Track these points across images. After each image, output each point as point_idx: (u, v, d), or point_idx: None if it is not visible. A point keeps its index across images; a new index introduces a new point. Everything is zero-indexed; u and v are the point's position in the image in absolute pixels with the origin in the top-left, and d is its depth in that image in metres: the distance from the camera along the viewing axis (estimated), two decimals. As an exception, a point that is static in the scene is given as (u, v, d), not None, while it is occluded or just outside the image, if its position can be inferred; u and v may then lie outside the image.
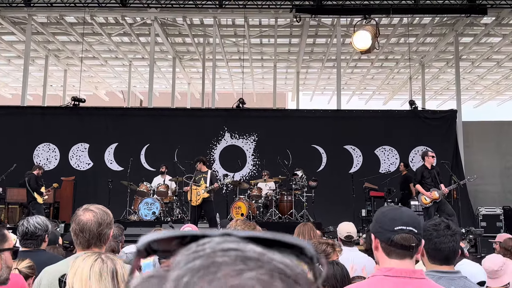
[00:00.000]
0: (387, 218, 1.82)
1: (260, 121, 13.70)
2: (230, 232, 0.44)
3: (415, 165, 12.40)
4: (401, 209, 1.86)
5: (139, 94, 23.37)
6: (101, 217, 2.44)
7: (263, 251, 0.42)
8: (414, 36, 15.53)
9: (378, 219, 1.85)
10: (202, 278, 0.39)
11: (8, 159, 12.28)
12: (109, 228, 2.48)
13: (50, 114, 13.98)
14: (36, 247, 3.35)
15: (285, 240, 0.44)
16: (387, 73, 19.63)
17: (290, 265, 0.41)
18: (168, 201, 11.12)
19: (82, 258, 1.98)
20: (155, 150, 13.31)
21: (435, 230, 2.27)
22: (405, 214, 1.82)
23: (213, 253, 0.41)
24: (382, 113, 14.17)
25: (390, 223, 1.79)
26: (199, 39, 16.68)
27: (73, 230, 2.44)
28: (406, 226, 1.78)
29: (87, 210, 2.46)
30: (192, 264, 0.40)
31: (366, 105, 23.33)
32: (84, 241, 2.42)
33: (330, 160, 13.26)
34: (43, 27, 15.24)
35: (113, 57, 18.44)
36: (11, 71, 19.72)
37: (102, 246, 2.45)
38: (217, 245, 0.42)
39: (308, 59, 18.14)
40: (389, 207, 1.89)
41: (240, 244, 0.42)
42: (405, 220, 1.79)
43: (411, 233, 1.78)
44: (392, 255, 1.79)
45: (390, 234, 1.78)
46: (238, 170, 12.88)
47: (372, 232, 1.87)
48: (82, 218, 2.43)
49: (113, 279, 1.94)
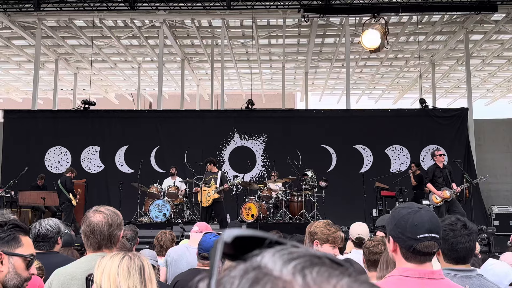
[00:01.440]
0: (409, 224, 1.76)
1: (269, 122, 13.70)
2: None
3: (426, 164, 12.32)
4: (421, 213, 1.79)
5: (149, 97, 23.49)
6: (111, 219, 2.44)
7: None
8: (423, 34, 15.44)
9: (398, 224, 1.79)
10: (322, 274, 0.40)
11: (20, 162, 12.41)
12: (119, 229, 2.48)
13: (61, 117, 14.10)
14: (49, 249, 3.38)
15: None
16: (396, 72, 19.53)
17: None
18: (178, 203, 11.15)
19: (109, 256, 2.00)
20: (165, 152, 13.36)
21: (451, 230, 2.22)
22: (427, 220, 1.76)
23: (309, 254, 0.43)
24: (392, 112, 14.11)
25: (412, 230, 1.75)
26: (207, 40, 16.73)
27: (83, 232, 2.44)
28: (429, 233, 1.74)
29: (97, 211, 2.46)
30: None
31: (375, 104, 23.24)
32: (94, 242, 2.42)
33: (340, 160, 13.23)
34: (53, 31, 15.38)
35: (122, 60, 18.56)
36: (21, 76, 19.93)
37: (112, 247, 2.45)
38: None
39: (316, 59, 18.10)
40: (408, 209, 1.81)
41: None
42: (427, 227, 1.74)
43: (433, 239, 1.75)
44: (412, 261, 1.77)
45: (412, 242, 1.74)
46: (248, 171, 12.89)
47: (390, 235, 1.83)
48: (92, 220, 2.42)
49: (140, 275, 1.95)
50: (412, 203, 1.90)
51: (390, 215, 1.89)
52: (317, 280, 0.39)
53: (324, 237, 3.13)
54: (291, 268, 0.40)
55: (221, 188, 9.75)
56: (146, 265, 1.97)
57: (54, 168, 13.56)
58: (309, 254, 0.42)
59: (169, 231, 5.77)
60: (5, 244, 1.88)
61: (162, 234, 5.43)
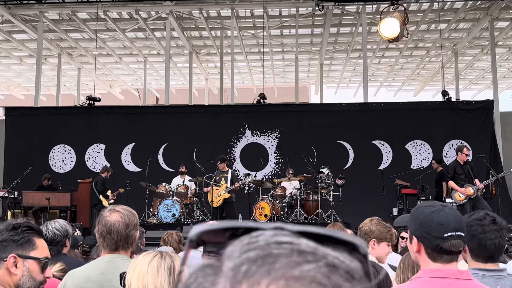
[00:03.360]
0: (434, 223, 1.77)
1: (282, 117, 13.69)
2: (282, 226, 0.47)
3: (449, 160, 12.24)
4: (445, 211, 1.80)
5: (155, 92, 23.61)
6: (129, 218, 2.45)
7: (317, 246, 0.44)
8: (445, 22, 15.31)
9: (422, 223, 1.80)
10: (261, 267, 0.41)
11: (23, 162, 12.56)
12: (135, 229, 2.50)
13: (64, 114, 14.23)
14: (57, 253, 3.43)
15: (337, 236, 0.46)
16: (417, 63, 19.39)
17: (345, 261, 0.44)
18: (188, 203, 11.22)
19: (142, 255, 2.04)
20: (173, 150, 13.43)
21: (480, 226, 2.20)
22: (452, 218, 1.78)
23: (267, 246, 0.43)
24: (413, 105, 14.02)
25: (438, 229, 1.76)
26: (216, 32, 16.75)
27: (99, 232, 2.45)
28: (455, 232, 1.75)
29: (114, 211, 2.47)
30: (248, 255, 0.43)
31: (395, 97, 23.10)
32: (111, 243, 2.43)
33: (358, 156, 13.19)
34: (55, 24, 15.52)
35: (127, 53, 18.66)
36: (23, 71, 20.14)
37: (129, 248, 2.47)
38: (270, 238, 0.44)
39: (332, 50, 18.04)
40: (431, 207, 1.82)
41: (294, 238, 0.45)
42: (453, 226, 1.76)
43: (460, 238, 1.76)
44: (438, 260, 1.78)
45: (438, 241, 1.76)
46: (260, 169, 12.91)
47: (414, 235, 1.84)
48: (109, 219, 2.43)
49: (170, 275, 1.99)
50: (434, 202, 1.91)
51: (411, 215, 1.90)
52: (247, 275, 0.41)
53: (382, 236, 3.21)
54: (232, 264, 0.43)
55: (232, 187, 9.78)
56: (177, 265, 2.01)
57: (58, 167, 13.71)
58: (272, 242, 0.44)
59: (176, 231, 5.80)
60: (19, 247, 1.90)
61: (169, 235, 5.47)
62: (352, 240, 0.47)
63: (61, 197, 11.64)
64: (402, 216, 5.94)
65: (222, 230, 0.48)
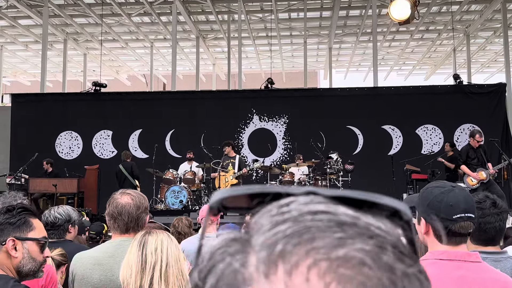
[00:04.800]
0: (443, 204, 1.73)
1: (291, 102, 13.62)
2: (316, 191, 0.41)
3: (460, 145, 12.13)
4: (455, 192, 1.76)
5: (162, 77, 23.58)
6: (139, 201, 2.50)
7: (357, 214, 0.39)
8: (457, 3, 15.10)
9: (431, 205, 1.76)
10: (298, 246, 0.36)
11: (29, 148, 12.62)
12: (146, 213, 2.54)
13: (71, 100, 14.25)
14: (59, 237, 3.43)
15: (377, 200, 0.41)
16: (428, 46, 19.18)
17: (390, 232, 0.38)
18: (195, 189, 11.23)
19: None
20: (181, 136, 13.43)
21: (480, 209, 2.17)
22: (462, 199, 1.74)
23: (301, 216, 0.38)
24: (424, 89, 13.87)
25: (447, 211, 1.72)
26: (223, 16, 16.63)
27: (109, 214, 2.48)
28: (465, 213, 1.71)
29: (125, 193, 2.52)
30: (281, 228, 0.37)
31: (405, 81, 22.95)
32: (122, 224, 2.47)
33: (367, 141, 13.11)
34: (60, 9, 15.47)
35: (133, 38, 18.61)
36: (29, 57, 20.17)
37: (139, 231, 2.47)
38: (303, 207, 0.39)
39: (341, 33, 17.87)
40: (440, 188, 1.78)
41: (330, 205, 0.39)
42: (463, 207, 1.72)
43: (470, 220, 1.72)
44: (447, 242, 1.75)
45: (447, 223, 1.72)
46: (268, 155, 12.88)
47: (422, 216, 1.80)
48: (120, 201, 2.47)
49: (139, 250, 2.04)
50: (444, 182, 1.87)
51: (420, 195, 1.85)
52: (282, 255, 0.36)
53: None
54: (263, 240, 0.37)
55: (239, 173, 9.77)
56: (149, 240, 2.09)
57: (65, 154, 13.77)
58: (306, 212, 0.38)
59: (185, 217, 5.80)
60: (17, 229, 1.91)
61: (179, 221, 5.47)
62: (392, 204, 0.41)
63: (68, 184, 11.68)
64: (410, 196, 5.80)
65: (247, 196, 0.43)
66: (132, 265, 2.00)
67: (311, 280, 0.35)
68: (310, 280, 0.35)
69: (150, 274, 2.00)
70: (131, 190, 2.56)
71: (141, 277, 1.99)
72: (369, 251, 0.36)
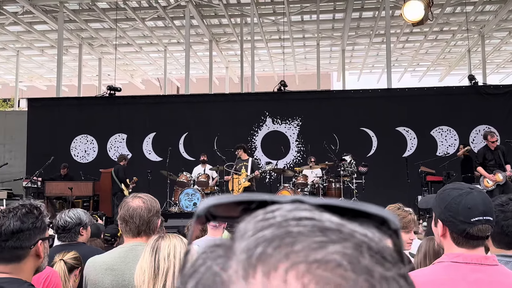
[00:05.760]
0: (461, 206, 1.70)
1: (304, 104, 13.57)
2: (302, 199, 0.41)
3: (476, 146, 11.99)
4: (473, 194, 1.72)
5: (176, 81, 23.69)
6: (151, 204, 2.51)
7: (342, 222, 0.38)
8: (471, 4, 14.94)
9: (449, 207, 1.73)
10: (278, 249, 0.36)
11: (45, 152, 12.73)
12: (157, 217, 2.55)
13: (86, 104, 14.37)
14: (71, 240, 3.45)
15: (365, 209, 0.41)
16: (442, 47, 19.01)
17: (375, 238, 0.38)
18: (209, 191, 11.23)
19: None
20: (194, 139, 13.46)
21: (502, 212, 2.13)
22: (480, 201, 1.70)
23: (285, 222, 0.38)
24: (438, 91, 13.74)
25: (465, 213, 1.69)
26: (236, 19, 16.66)
27: (121, 218, 2.50)
28: (483, 216, 1.68)
29: (136, 197, 2.54)
30: (263, 233, 0.37)
31: (419, 82, 22.77)
32: (134, 227, 2.48)
33: (381, 143, 13.02)
34: (75, 15, 15.63)
35: (147, 43, 18.72)
36: (45, 62, 20.39)
37: (151, 235, 2.49)
38: (288, 213, 0.39)
39: (354, 35, 17.79)
40: (459, 190, 1.74)
41: (315, 212, 0.39)
42: (481, 209, 1.68)
43: (488, 223, 1.69)
44: (464, 245, 1.72)
45: (465, 226, 1.68)
46: (282, 157, 12.84)
47: (440, 219, 1.77)
48: (131, 205, 2.49)
49: (151, 255, 2.04)
50: (462, 184, 1.83)
51: (437, 197, 1.82)
52: (262, 258, 0.36)
53: None
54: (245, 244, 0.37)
55: (252, 175, 9.75)
56: (162, 245, 2.10)
57: (80, 157, 13.87)
58: (291, 218, 0.38)
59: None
60: (42, 232, 1.95)
61: (192, 223, 5.46)
62: (381, 213, 0.41)
63: (84, 187, 11.78)
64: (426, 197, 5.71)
65: (234, 203, 0.43)
66: (145, 270, 2.00)
67: (289, 282, 0.35)
68: (288, 282, 0.35)
69: (163, 281, 1.99)
70: (143, 194, 2.57)
71: (154, 283, 1.99)
72: (347, 254, 0.36)
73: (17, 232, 1.85)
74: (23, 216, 1.88)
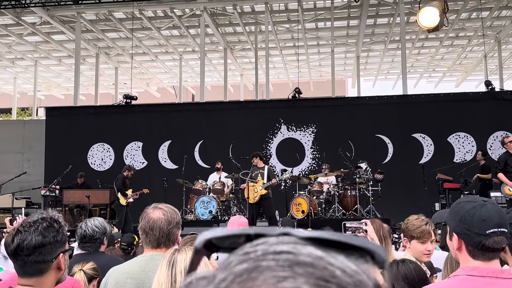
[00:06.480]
0: (475, 219, 1.70)
1: (319, 111, 13.55)
2: (289, 232, 0.43)
3: (494, 153, 11.84)
4: (487, 206, 1.72)
5: (191, 89, 23.81)
6: (171, 216, 2.51)
7: (322, 255, 0.40)
8: (487, 9, 14.81)
9: (463, 219, 1.73)
10: (242, 283, 0.38)
11: (63, 161, 12.87)
12: (177, 228, 2.54)
13: (102, 113, 14.52)
14: (95, 250, 3.47)
15: (350, 242, 0.42)
16: (458, 52, 18.85)
17: (351, 272, 0.39)
18: (224, 199, 11.25)
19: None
20: (209, 146, 13.50)
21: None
22: (494, 213, 1.70)
23: (263, 256, 0.40)
24: (455, 97, 13.62)
25: (480, 226, 1.68)
26: (250, 27, 16.72)
27: (141, 229, 2.51)
28: (498, 228, 1.67)
29: (157, 208, 2.53)
30: (238, 268, 0.39)
31: (435, 88, 22.58)
32: (153, 239, 2.48)
33: (397, 150, 12.92)
34: (92, 25, 15.83)
35: (163, 51, 18.88)
36: (62, 71, 20.66)
37: (171, 246, 2.50)
38: (270, 247, 0.40)
39: (368, 42, 17.74)
40: (472, 203, 1.75)
41: (297, 246, 0.40)
42: (496, 221, 1.68)
43: (503, 235, 1.68)
44: (479, 258, 1.71)
45: (481, 238, 1.68)
46: (297, 165, 12.82)
47: (455, 232, 1.76)
48: (152, 216, 2.49)
49: (169, 269, 2.04)
50: (475, 196, 1.84)
51: (451, 211, 1.82)
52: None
53: (409, 233, 3.12)
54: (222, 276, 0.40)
55: (269, 183, 9.75)
56: (178, 259, 2.08)
57: (97, 165, 14.00)
58: (270, 252, 0.40)
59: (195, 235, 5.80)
60: (63, 245, 1.97)
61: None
62: (365, 246, 0.42)
63: (101, 195, 11.87)
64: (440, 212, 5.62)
65: (234, 236, 0.45)
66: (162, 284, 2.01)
67: None
68: None
69: None
70: (163, 205, 2.57)
71: None
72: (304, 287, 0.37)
73: (39, 246, 1.86)
74: (44, 231, 1.89)
